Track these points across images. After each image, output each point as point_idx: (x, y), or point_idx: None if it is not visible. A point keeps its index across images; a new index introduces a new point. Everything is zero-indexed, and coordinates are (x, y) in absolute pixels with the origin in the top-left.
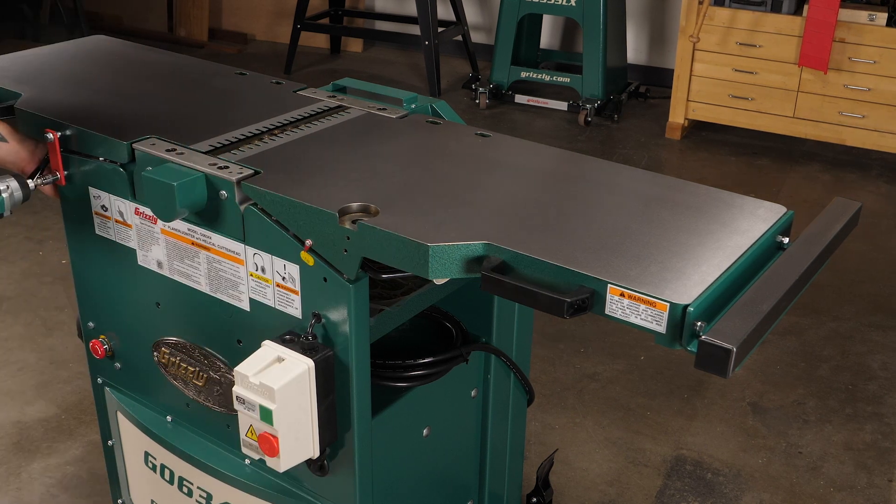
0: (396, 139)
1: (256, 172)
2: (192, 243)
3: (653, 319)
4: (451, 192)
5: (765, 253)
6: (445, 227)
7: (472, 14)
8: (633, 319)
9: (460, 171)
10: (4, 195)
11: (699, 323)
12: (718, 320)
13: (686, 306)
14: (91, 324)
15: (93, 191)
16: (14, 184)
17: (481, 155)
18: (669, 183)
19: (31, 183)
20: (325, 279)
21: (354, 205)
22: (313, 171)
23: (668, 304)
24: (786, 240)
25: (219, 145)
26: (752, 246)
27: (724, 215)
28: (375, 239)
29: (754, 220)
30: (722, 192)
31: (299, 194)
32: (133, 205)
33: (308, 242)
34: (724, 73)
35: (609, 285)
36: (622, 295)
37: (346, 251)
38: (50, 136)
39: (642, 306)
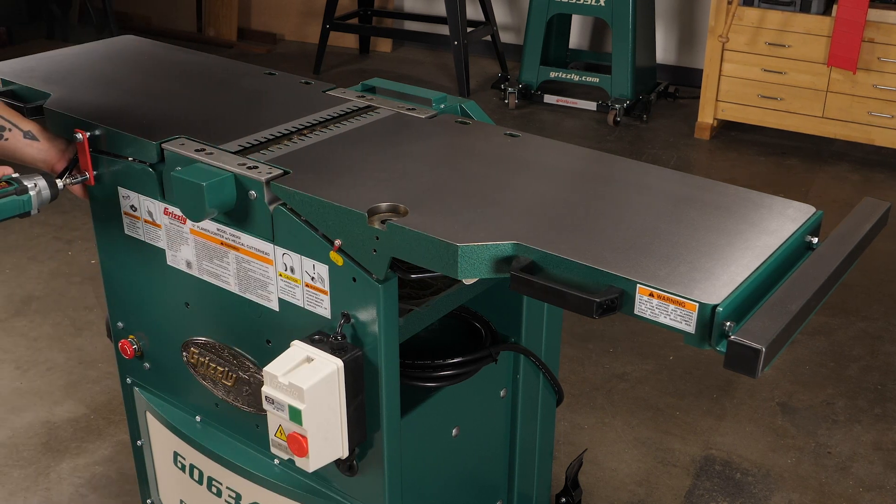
0: (425, 139)
1: (286, 172)
2: (222, 243)
3: (682, 319)
4: (480, 192)
5: (794, 253)
6: (475, 227)
7: (501, 14)
8: (662, 319)
9: (489, 170)
10: (32, 193)
11: (728, 323)
12: (747, 320)
13: (715, 306)
14: (120, 324)
15: (122, 191)
16: (42, 182)
17: (510, 155)
18: (698, 183)
19: (59, 182)
20: (354, 279)
21: (383, 205)
22: (342, 171)
23: (697, 305)
24: (815, 240)
25: (248, 145)
26: (781, 246)
27: (753, 215)
28: (404, 239)
29: (783, 220)
30: (751, 192)
31: (328, 194)
32: (162, 205)
33: (337, 242)
34: (753, 73)
35: (638, 285)
36: (651, 295)
37: (375, 251)
38: (79, 136)
39: (671, 306)
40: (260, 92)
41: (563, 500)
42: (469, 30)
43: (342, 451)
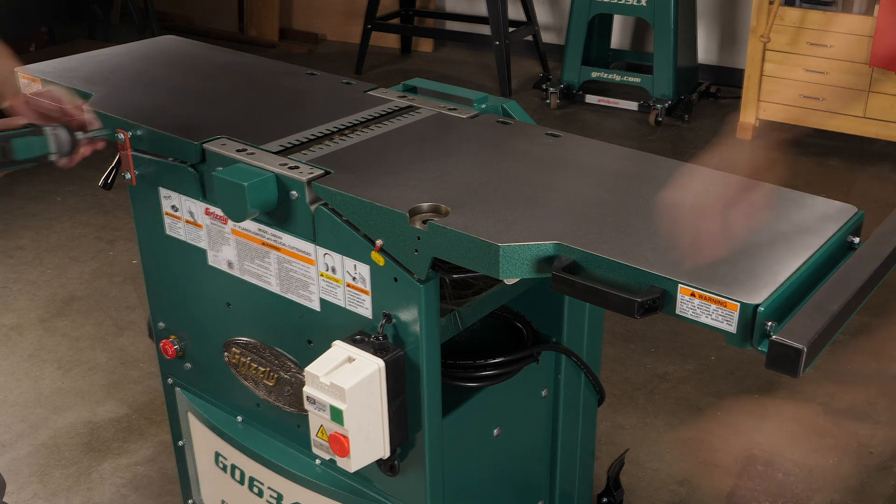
0: (467, 139)
1: (327, 172)
2: (263, 243)
3: (723, 319)
4: (521, 193)
5: (835, 253)
6: (516, 227)
7: (542, 14)
8: (703, 319)
9: (531, 171)
10: (49, 134)
11: (770, 323)
12: (789, 320)
13: (757, 306)
14: (162, 324)
15: (163, 191)
16: (61, 129)
17: (551, 155)
18: (741, 183)
19: (79, 134)
20: (395, 279)
21: (425, 205)
22: (384, 171)
23: (738, 304)
24: (856, 240)
25: (289, 145)
26: (822, 246)
27: (794, 215)
28: (446, 239)
29: (825, 219)
30: (792, 192)
31: (370, 194)
32: (203, 205)
33: (378, 243)
34: (795, 73)
35: (679, 285)
36: (693, 295)
37: (416, 251)
38: (121, 135)
39: (713, 306)
40: (301, 92)
41: (605, 499)
42: (511, 30)
43: (384, 452)
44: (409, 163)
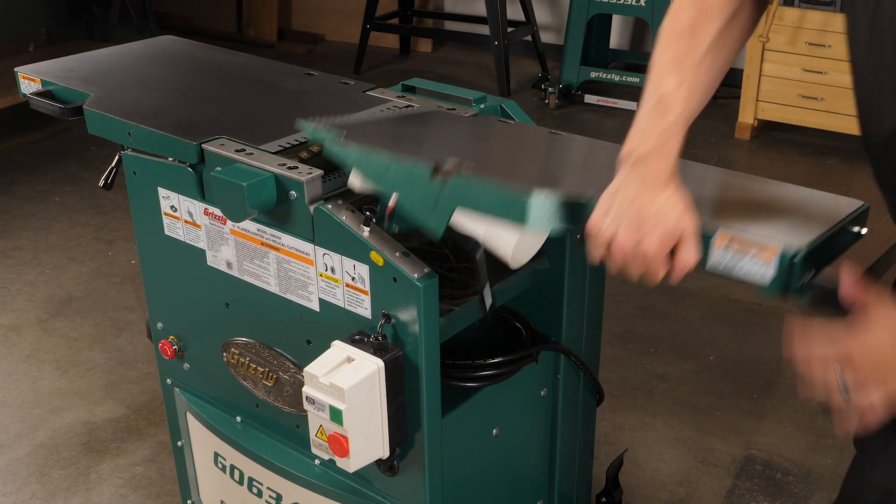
0: (467, 136)
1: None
2: (262, 244)
3: (762, 266)
4: (533, 169)
5: (846, 238)
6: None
7: (541, 14)
8: (737, 271)
9: (537, 156)
10: None
11: (808, 272)
12: (826, 269)
13: (795, 253)
14: (160, 324)
15: (162, 191)
16: None
17: (555, 145)
18: (744, 176)
19: None
20: (394, 279)
21: (448, 160)
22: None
23: (779, 248)
24: (864, 230)
25: (288, 145)
26: (842, 220)
27: (805, 209)
28: (471, 189)
29: (835, 208)
30: (800, 188)
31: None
32: (202, 205)
33: (394, 198)
34: (794, 73)
35: (720, 229)
36: (730, 242)
37: (436, 204)
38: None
39: (750, 252)
40: (300, 92)
41: (604, 500)
42: (509, 30)
43: (383, 452)
44: (414, 150)
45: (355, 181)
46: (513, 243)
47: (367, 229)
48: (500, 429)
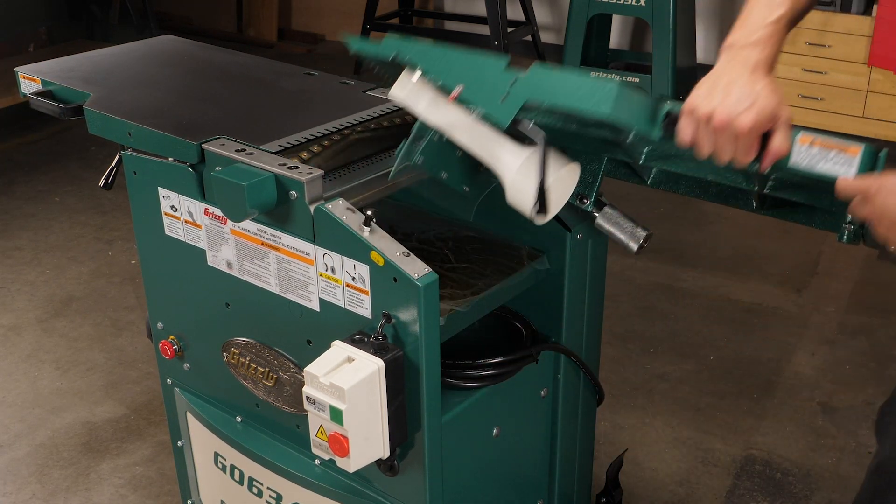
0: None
1: (327, 171)
2: (262, 244)
3: (844, 163)
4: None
5: None
6: None
7: (541, 14)
8: (819, 167)
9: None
10: None
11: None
12: None
13: (879, 148)
14: (160, 324)
15: (162, 191)
16: None
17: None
18: None
19: None
20: (394, 279)
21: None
22: None
23: (861, 147)
24: None
25: (288, 145)
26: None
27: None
28: (550, 78)
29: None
30: None
31: None
32: (202, 205)
33: (458, 88)
34: (794, 73)
35: (802, 132)
36: (812, 143)
37: (507, 95)
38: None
39: (833, 151)
40: (300, 92)
41: (604, 499)
42: (509, 30)
43: (383, 452)
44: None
45: (399, 90)
46: (514, 167)
47: (367, 229)
48: (500, 429)
